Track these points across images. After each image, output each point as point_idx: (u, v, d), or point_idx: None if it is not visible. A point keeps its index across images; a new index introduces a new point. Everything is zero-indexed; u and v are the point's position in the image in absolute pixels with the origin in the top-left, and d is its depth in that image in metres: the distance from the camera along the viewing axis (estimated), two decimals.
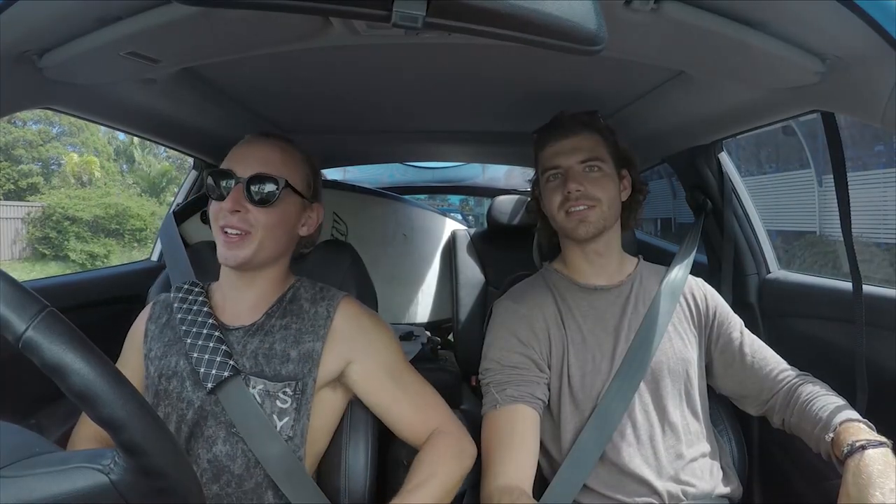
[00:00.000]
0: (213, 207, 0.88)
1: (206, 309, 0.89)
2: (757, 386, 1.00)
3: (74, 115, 0.97)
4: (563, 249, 1.10)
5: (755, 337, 1.05)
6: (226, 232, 0.86)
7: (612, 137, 1.04)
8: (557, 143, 1.01)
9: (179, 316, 0.89)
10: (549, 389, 0.99)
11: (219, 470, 0.82)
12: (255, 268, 0.90)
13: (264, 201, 0.86)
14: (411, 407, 0.92)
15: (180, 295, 0.92)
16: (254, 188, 0.86)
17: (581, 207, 0.97)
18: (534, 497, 0.87)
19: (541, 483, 0.96)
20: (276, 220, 0.88)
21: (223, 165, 0.89)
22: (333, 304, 0.93)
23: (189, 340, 0.85)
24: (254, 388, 0.84)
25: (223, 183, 0.87)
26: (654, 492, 0.93)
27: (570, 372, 0.98)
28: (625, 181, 1.05)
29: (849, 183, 0.89)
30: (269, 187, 0.86)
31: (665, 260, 1.14)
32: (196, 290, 0.93)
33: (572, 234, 1.00)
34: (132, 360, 0.92)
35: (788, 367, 0.99)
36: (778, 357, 1.01)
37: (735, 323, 1.05)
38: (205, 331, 0.86)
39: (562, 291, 1.05)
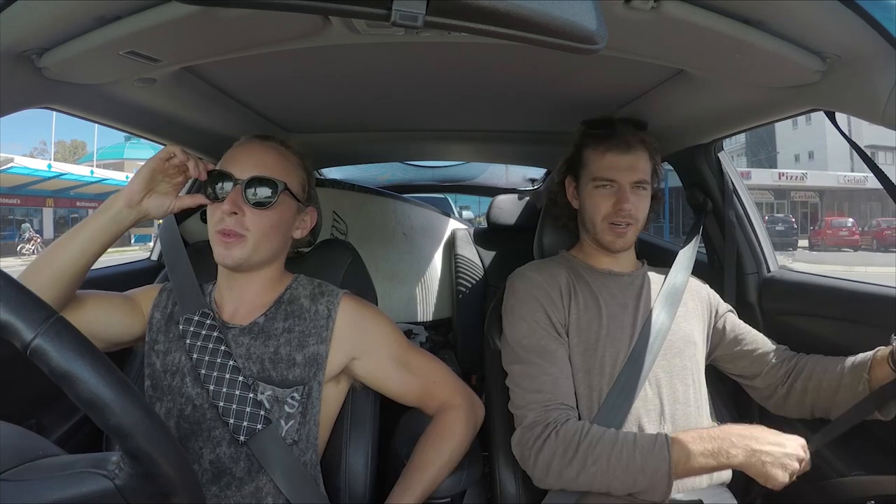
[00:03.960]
0: (210, 208, 0.88)
1: (223, 348, 0.86)
2: (763, 359, 1.04)
3: (74, 115, 0.96)
4: (583, 240, 1.14)
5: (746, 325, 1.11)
6: (221, 233, 0.86)
7: (656, 156, 1.08)
8: (616, 157, 1.03)
9: (196, 356, 0.85)
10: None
11: (220, 471, 0.82)
12: (250, 268, 0.90)
13: (262, 204, 0.86)
14: (420, 387, 0.96)
15: (192, 329, 0.88)
16: (251, 190, 0.86)
17: (623, 225, 1.03)
18: None
19: None
20: (271, 224, 0.88)
21: (220, 167, 0.88)
22: (334, 302, 0.93)
23: (212, 387, 0.83)
24: (262, 393, 0.84)
25: (220, 185, 0.86)
26: None
27: (587, 338, 1.00)
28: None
29: None
30: (267, 190, 0.87)
31: (666, 258, 1.15)
32: (208, 322, 0.88)
33: (609, 246, 1.05)
34: (137, 327, 0.91)
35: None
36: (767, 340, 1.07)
37: (732, 314, 1.12)
38: (227, 375, 0.84)
39: (577, 269, 1.08)
